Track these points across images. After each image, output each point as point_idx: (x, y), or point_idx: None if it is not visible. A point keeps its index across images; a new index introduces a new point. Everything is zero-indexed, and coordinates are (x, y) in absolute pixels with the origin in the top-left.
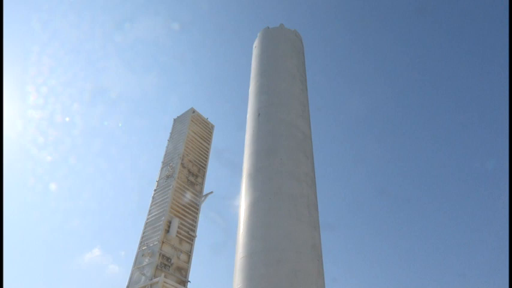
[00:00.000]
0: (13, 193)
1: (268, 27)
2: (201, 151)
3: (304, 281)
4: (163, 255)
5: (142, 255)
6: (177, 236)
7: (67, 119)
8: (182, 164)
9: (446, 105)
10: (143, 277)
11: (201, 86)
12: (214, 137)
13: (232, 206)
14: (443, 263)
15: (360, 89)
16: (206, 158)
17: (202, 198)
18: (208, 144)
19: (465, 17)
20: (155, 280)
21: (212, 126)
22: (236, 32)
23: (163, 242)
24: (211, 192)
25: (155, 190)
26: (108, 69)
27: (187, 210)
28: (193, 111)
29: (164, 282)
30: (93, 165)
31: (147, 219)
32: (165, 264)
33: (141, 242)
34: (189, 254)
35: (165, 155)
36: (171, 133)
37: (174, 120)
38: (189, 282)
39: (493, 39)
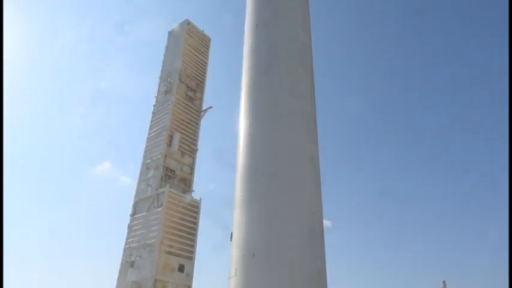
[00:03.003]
0: (32, 116)
1: None
2: (199, 65)
3: (303, 191)
4: (167, 168)
5: (147, 168)
6: (178, 149)
7: None
8: (180, 79)
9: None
10: (149, 188)
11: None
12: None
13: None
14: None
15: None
16: (204, 72)
17: (202, 113)
18: (206, 58)
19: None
20: (161, 190)
21: (209, 39)
22: None
23: (166, 156)
24: (211, 107)
25: (154, 106)
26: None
27: (187, 124)
28: (188, 23)
29: (170, 191)
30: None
31: (149, 134)
32: (169, 175)
33: (144, 156)
34: (191, 166)
35: (162, 69)
36: (166, 47)
37: (169, 33)
38: (193, 192)
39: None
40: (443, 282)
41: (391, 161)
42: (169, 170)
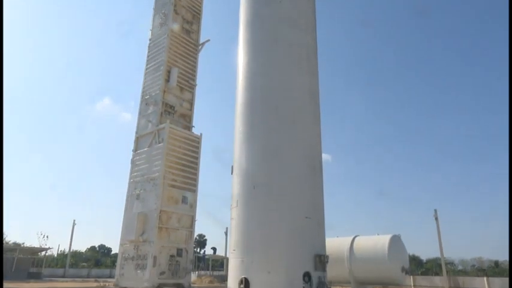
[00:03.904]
0: (31, 55)
1: None
2: None
3: (302, 126)
4: (166, 104)
5: (146, 104)
6: (177, 85)
7: None
8: (175, 11)
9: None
10: (150, 124)
11: None
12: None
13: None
14: None
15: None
16: (200, 2)
17: (199, 47)
18: None
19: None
20: (161, 126)
21: None
22: None
23: (164, 91)
24: (208, 40)
25: (150, 39)
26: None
27: (184, 59)
28: None
29: (170, 127)
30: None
31: (146, 69)
32: (168, 111)
33: (143, 92)
34: (191, 102)
35: (156, 0)
36: None
37: None
38: (193, 127)
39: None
40: (435, 210)
41: (394, 95)
42: (169, 106)
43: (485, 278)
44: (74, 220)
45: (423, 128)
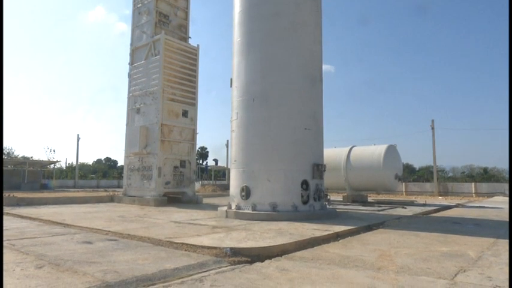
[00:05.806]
0: None
1: None
2: None
3: (303, 35)
4: (160, 13)
5: (139, 14)
6: None
7: None
8: None
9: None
10: (144, 35)
11: None
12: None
13: None
14: None
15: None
16: None
17: None
18: None
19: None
20: (156, 37)
21: None
22: None
23: None
24: None
25: None
26: None
27: None
28: None
29: (166, 39)
30: None
31: None
32: (163, 21)
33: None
34: (186, 11)
35: None
36: None
37: None
38: (189, 38)
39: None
40: (432, 121)
41: (398, 4)
42: (163, 15)
43: (473, 184)
44: (78, 134)
45: (426, 38)
